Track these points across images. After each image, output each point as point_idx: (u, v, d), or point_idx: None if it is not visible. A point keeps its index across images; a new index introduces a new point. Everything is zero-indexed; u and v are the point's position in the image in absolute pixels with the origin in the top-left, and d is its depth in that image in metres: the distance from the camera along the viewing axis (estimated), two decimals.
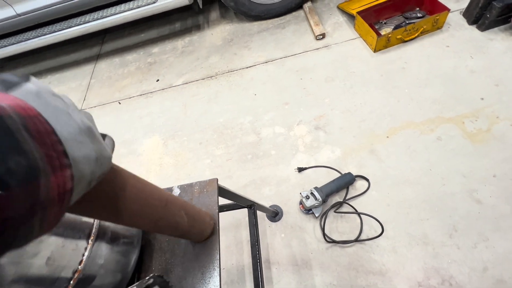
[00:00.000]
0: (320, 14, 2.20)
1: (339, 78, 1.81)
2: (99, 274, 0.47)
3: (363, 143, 1.52)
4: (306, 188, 1.44)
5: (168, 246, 0.65)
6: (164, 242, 0.66)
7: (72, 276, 0.42)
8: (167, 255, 0.64)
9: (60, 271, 0.40)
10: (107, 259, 0.48)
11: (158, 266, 0.63)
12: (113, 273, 0.51)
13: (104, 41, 2.80)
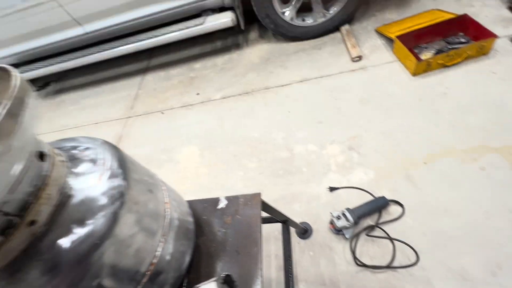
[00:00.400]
0: (357, 36, 2.25)
1: (374, 100, 1.82)
2: (165, 270, 0.55)
3: (398, 168, 1.50)
4: (336, 208, 1.45)
5: (215, 251, 0.72)
6: (211, 247, 0.73)
7: (147, 269, 0.50)
8: (213, 259, 0.71)
9: (141, 263, 0.48)
10: (172, 256, 0.56)
11: (205, 269, 0.70)
12: (173, 270, 0.58)
13: (152, 56, 3.08)
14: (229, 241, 0.73)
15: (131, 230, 0.46)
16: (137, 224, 0.48)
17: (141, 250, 0.48)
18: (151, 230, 0.51)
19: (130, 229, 0.46)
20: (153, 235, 0.51)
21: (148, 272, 0.50)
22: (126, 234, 0.45)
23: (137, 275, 0.48)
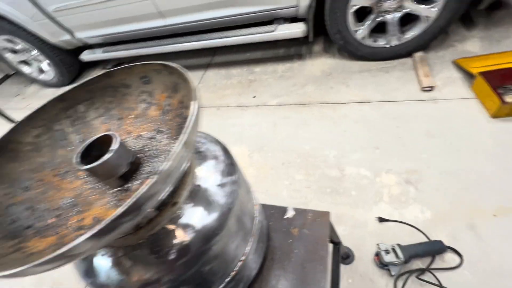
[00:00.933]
0: (431, 65, 2.13)
1: (442, 136, 1.71)
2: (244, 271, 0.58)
3: (461, 214, 1.38)
4: (383, 241, 1.38)
5: (279, 259, 0.74)
6: (276, 254, 0.75)
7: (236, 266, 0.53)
8: (277, 267, 0.72)
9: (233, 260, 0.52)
10: (252, 257, 0.59)
11: (268, 273, 0.72)
12: (249, 271, 0.61)
13: (216, 53, 3.25)
14: (295, 252, 0.74)
15: (236, 227, 0.50)
16: (239, 222, 0.51)
17: (238, 247, 0.52)
18: (247, 229, 0.55)
19: (235, 226, 0.49)
20: (247, 234, 0.55)
21: (235, 270, 0.53)
22: (233, 229, 0.48)
23: (228, 271, 0.52)
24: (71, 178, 0.47)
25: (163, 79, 0.49)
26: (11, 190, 0.43)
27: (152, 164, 0.44)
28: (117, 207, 0.38)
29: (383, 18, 2.09)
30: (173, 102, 0.48)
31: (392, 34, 2.13)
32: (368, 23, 2.12)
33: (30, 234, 0.39)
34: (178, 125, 0.45)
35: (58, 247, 0.34)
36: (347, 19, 2.08)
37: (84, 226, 0.39)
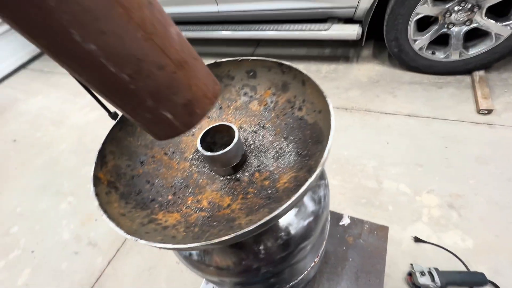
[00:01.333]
0: (491, 87, 1.99)
1: (495, 164, 1.61)
2: (310, 274, 0.59)
3: (507, 249, 1.31)
4: (417, 262, 1.35)
5: (333, 264, 0.74)
6: (330, 259, 0.75)
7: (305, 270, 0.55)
8: (331, 272, 0.73)
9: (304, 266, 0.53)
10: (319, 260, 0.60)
11: (325, 277, 0.73)
12: (314, 271, 0.62)
13: (259, 45, 3.24)
14: (349, 261, 0.74)
15: (320, 230, 0.51)
16: (323, 226, 0.52)
17: (316, 249, 0.53)
18: (324, 233, 0.56)
19: (320, 229, 0.50)
20: (323, 238, 0.56)
21: (307, 269, 0.55)
22: (317, 232, 0.49)
23: (303, 270, 0.54)
24: (177, 159, 0.50)
25: (271, 76, 0.50)
26: (132, 163, 0.47)
27: (259, 158, 0.46)
28: (231, 194, 0.40)
29: (447, 30, 1.97)
30: (279, 100, 0.49)
31: (453, 48, 2.01)
32: (430, 34, 2.01)
33: (156, 208, 0.42)
34: (286, 126, 0.46)
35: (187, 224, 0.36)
36: (408, 27, 1.98)
37: (203, 208, 0.41)
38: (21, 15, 0.16)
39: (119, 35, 0.18)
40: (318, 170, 0.33)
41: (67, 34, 0.17)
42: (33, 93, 3.67)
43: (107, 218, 0.35)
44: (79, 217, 2.02)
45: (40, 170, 2.50)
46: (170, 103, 0.24)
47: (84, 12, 0.16)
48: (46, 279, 1.72)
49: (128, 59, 0.20)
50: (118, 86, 0.21)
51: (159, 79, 0.22)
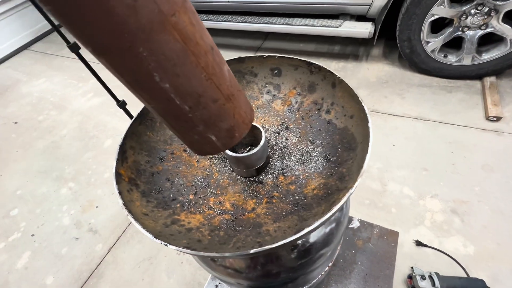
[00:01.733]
0: (501, 94, 1.97)
1: (501, 172, 1.60)
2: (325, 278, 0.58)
3: (509, 257, 1.32)
4: (418, 265, 1.35)
5: (341, 266, 0.74)
6: (339, 261, 0.75)
7: (320, 274, 0.54)
8: (339, 274, 0.73)
9: (322, 269, 0.53)
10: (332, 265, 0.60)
11: (333, 280, 0.72)
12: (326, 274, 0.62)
13: (267, 38, 3.18)
14: (358, 264, 0.74)
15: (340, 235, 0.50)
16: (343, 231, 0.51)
17: (333, 254, 0.52)
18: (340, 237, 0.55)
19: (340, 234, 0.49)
20: (339, 242, 0.55)
21: (322, 273, 0.54)
22: (337, 241, 0.48)
23: (318, 275, 0.53)
24: (197, 156, 0.48)
25: (298, 75, 0.48)
26: (151, 159, 0.45)
27: (283, 161, 0.44)
28: (255, 197, 0.38)
29: (461, 33, 1.93)
30: (304, 101, 0.47)
31: (466, 53, 1.98)
32: (443, 36, 1.97)
33: (178, 208, 0.41)
34: (312, 128, 0.45)
35: (211, 227, 0.35)
36: (422, 28, 1.94)
37: (226, 210, 0.40)
38: (119, 60, 0.21)
39: (188, 77, 0.24)
40: (358, 180, 0.32)
41: (150, 76, 0.22)
42: (36, 75, 3.61)
43: (133, 219, 0.34)
44: (80, 203, 2.02)
45: (41, 154, 2.48)
46: (217, 128, 0.28)
47: (167, 60, 0.21)
48: (46, 263, 1.73)
49: (191, 95, 0.25)
50: (179, 114, 0.26)
51: (212, 110, 0.27)
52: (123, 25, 0.19)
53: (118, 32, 0.19)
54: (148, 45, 0.20)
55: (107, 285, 1.57)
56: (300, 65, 0.47)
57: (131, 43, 0.20)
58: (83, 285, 1.59)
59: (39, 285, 1.63)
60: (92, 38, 0.20)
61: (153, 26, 0.20)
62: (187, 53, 0.23)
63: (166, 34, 0.21)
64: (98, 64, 1.26)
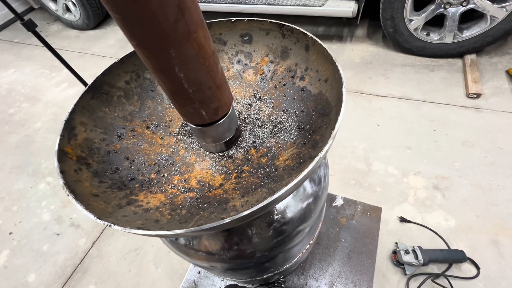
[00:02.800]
0: (481, 71, 2.00)
1: (480, 147, 1.64)
2: (304, 256, 0.57)
3: (486, 228, 1.37)
4: (402, 241, 1.39)
5: (325, 245, 0.73)
6: (322, 240, 0.74)
7: (300, 253, 0.52)
8: (323, 253, 0.72)
9: (301, 248, 0.51)
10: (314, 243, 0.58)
11: (318, 258, 0.71)
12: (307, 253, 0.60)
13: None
14: (342, 242, 0.73)
15: (319, 211, 0.47)
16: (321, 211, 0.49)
17: (312, 231, 0.50)
18: (321, 214, 0.53)
19: (319, 210, 0.47)
20: (319, 219, 0.53)
21: (302, 252, 0.52)
22: (317, 214, 0.46)
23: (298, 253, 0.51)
24: (162, 133, 0.44)
25: (270, 41, 0.44)
26: (107, 136, 0.40)
27: (255, 133, 0.40)
28: (224, 173, 0.35)
29: (443, 10, 1.92)
30: (277, 69, 0.43)
31: (448, 30, 1.98)
32: (426, 14, 1.95)
33: (137, 187, 0.37)
34: (286, 97, 0.41)
35: (173, 206, 0.31)
36: (405, 6, 1.91)
37: (192, 187, 0.36)
38: (155, 55, 0.31)
39: (196, 71, 0.35)
40: (330, 143, 0.29)
41: (172, 68, 0.33)
42: (3, 66, 3.37)
43: (74, 200, 0.30)
44: (60, 198, 1.93)
45: (14, 148, 2.34)
46: (207, 107, 0.39)
47: (185, 60, 0.33)
48: (26, 261, 1.66)
49: (195, 82, 0.36)
50: (184, 94, 0.37)
51: (206, 94, 0.38)
52: (166, 36, 0.29)
53: (161, 39, 0.30)
54: (177, 50, 0.31)
55: (92, 279, 1.53)
56: (272, 28, 0.43)
57: (167, 47, 0.30)
58: (67, 280, 1.54)
59: (20, 283, 1.57)
60: (143, 40, 0.30)
61: (183, 38, 0.31)
62: (199, 56, 0.34)
63: (189, 43, 0.31)
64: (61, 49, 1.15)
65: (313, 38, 0.38)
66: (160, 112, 0.44)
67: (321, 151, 0.28)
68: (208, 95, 0.37)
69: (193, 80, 0.35)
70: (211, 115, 0.39)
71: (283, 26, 0.41)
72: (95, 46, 3.35)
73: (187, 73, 0.33)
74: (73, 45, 3.42)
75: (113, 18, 0.28)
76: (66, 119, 0.38)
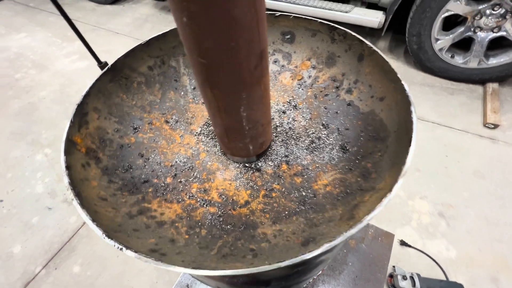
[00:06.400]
0: (502, 101, 1.95)
1: (492, 180, 1.60)
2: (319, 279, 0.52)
3: (488, 264, 1.33)
4: (399, 265, 1.35)
5: (332, 265, 0.69)
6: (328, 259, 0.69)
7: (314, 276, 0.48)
8: (328, 273, 0.67)
9: (317, 271, 0.46)
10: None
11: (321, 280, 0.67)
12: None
13: None
14: (349, 265, 0.69)
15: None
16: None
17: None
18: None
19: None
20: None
21: (314, 277, 0.48)
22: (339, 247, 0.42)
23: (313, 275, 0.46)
24: (182, 131, 0.39)
25: (315, 44, 0.39)
26: (122, 127, 0.35)
27: (287, 146, 0.36)
28: (250, 188, 0.30)
29: (472, 34, 1.86)
30: (320, 76, 0.38)
31: (474, 55, 1.92)
32: (454, 35, 1.89)
33: (150, 193, 0.32)
34: (327, 110, 0.36)
35: (190, 222, 0.27)
36: (434, 23, 1.85)
37: (213, 201, 0.32)
38: (226, 95, 0.33)
39: (257, 111, 0.36)
40: (400, 182, 0.24)
41: (239, 108, 0.35)
42: (16, 29, 3.30)
43: (79, 206, 0.25)
44: (57, 171, 1.89)
45: (16, 115, 2.29)
46: (256, 141, 0.38)
47: (252, 101, 0.34)
48: (14, 231, 1.62)
49: (254, 120, 0.36)
50: (240, 130, 0.36)
51: (259, 130, 0.38)
52: (242, 80, 0.31)
53: (238, 83, 0.31)
54: (248, 92, 0.32)
55: (79, 259, 1.49)
56: (320, 29, 0.38)
57: (240, 89, 0.32)
58: (53, 257, 1.51)
59: (5, 252, 1.54)
60: (219, 83, 0.31)
61: (255, 82, 0.32)
62: (262, 97, 0.34)
63: (258, 86, 0.33)
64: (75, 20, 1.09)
65: (371, 48, 0.34)
66: (182, 106, 0.39)
67: (385, 190, 0.24)
68: (260, 131, 0.38)
69: (252, 118, 0.35)
70: (257, 149, 0.39)
71: (335, 29, 0.36)
72: (111, 21, 3.28)
73: (249, 113, 0.33)
74: (88, 18, 3.36)
75: (191, 60, 0.28)
76: (78, 103, 0.33)
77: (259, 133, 0.37)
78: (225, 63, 0.27)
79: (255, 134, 0.37)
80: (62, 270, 1.45)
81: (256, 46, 0.27)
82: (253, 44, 0.27)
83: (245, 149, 0.37)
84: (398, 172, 0.26)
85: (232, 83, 0.30)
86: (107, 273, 1.43)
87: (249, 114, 0.33)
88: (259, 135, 0.37)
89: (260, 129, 0.37)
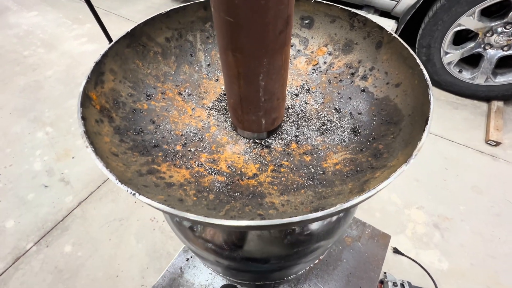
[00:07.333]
0: (505, 120, 1.95)
1: (489, 196, 1.60)
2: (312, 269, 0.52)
3: (479, 278, 1.33)
4: (391, 272, 1.35)
5: (326, 261, 0.69)
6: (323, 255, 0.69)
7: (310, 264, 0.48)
8: (322, 270, 0.67)
9: (314, 257, 0.46)
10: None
11: (314, 274, 0.67)
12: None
13: None
14: (343, 262, 0.69)
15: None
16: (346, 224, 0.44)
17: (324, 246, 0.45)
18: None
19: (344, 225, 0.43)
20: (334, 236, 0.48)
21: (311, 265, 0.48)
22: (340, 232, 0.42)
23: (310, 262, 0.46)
24: (194, 104, 0.39)
25: (333, 30, 0.39)
26: (136, 93, 0.36)
27: (298, 127, 0.36)
28: (259, 163, 0.30)
29: (482, 50, 1.87)
30: (335, 62, 0.39)
31: (482, 72, 1.92)
32: (463, 50, 1.90)
33: (160, 156, 0.32)
34: (340, 95, 0.36)
35: (197, 186, 0.27)
36: (445, 36, 1.86)
37: (221, 171, 0.32)
38: (248, 60, 0.33)
39: (275, 81, 0.36)
40: (414, 155, 0.24)
41: (258, 75, 0.35)
42: (27, 7, 3.31)
43: (93, 153, 0.25)
44: (56, 150, 1.89)
45: (21, 92, 2.29)
46: (269, 116, 0.38)
47: (272, 69, 0.34)
48: (8, 205, 1.62)
49: (271, 92, 0.36)
50: (255, 102, 0.36)
51: (274, 104, 0.38)
52: (267, 45, 0.31)
53: (262, 48, 0.31)
54: (270, 59, 0.32)
55: (71, 239, 1.49)
56: (340, 16, 0.38)
57: (263, 55, 0.31)
58: (45, 234, 1.50)
59: None
60: (243, 45, 0.31)
61: (278, 49, 0.32)
62: (282, 68, 0.34)
63: (279, 55, 0.32)
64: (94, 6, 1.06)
65: (391, 35, 0.34)
66: (195, 81, 0.39)
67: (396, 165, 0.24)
68: (275, 105, 0.37)
69: (270, 89, 0.35)
70: (269, 125, 0.39)
71: (355, 16, 0.36)
72: (123, 7, 3.29)
73: (267, 82, 0.33)
74: (100, 1, 3.36)
75: (217, 20, 0.27)
76: (96, 61, 0.34)
77: (273, 107, 0.37)
78: (252, 23, 0.27)
79: (269, 108, 0.37)
80: (53, 248, 1.45)
81: (284, 10, 0.27)
82: (282, 6, 0.27)
83: (258, 123, 0.37)
84: (413, 148, 0.27)
85: (256, 46, 0.30)
86: (98, 254, 1.43)
87: (267, 83, 0.33)
88: (273, 109, 0.37)
89: (275, 103, 0.37)
